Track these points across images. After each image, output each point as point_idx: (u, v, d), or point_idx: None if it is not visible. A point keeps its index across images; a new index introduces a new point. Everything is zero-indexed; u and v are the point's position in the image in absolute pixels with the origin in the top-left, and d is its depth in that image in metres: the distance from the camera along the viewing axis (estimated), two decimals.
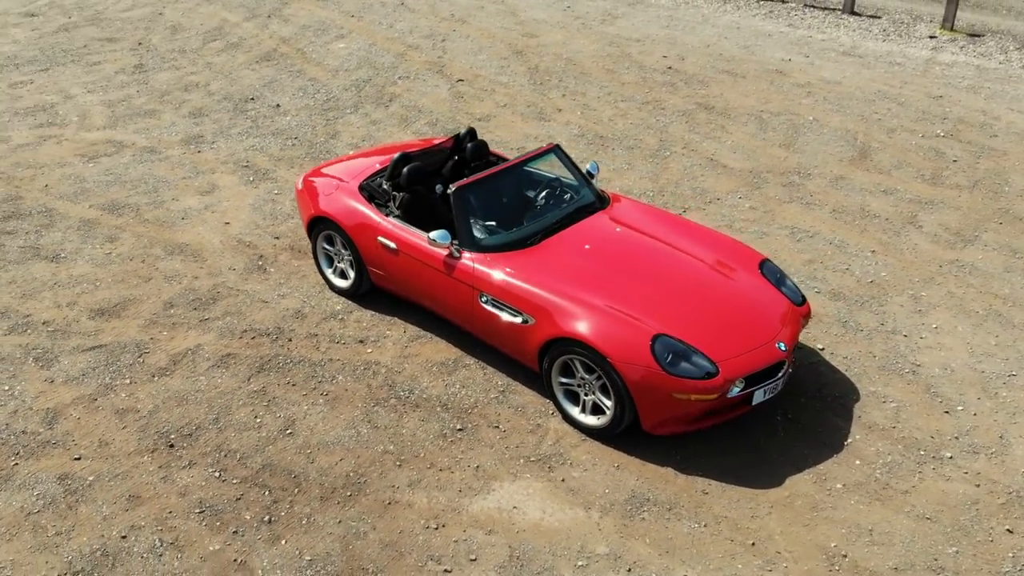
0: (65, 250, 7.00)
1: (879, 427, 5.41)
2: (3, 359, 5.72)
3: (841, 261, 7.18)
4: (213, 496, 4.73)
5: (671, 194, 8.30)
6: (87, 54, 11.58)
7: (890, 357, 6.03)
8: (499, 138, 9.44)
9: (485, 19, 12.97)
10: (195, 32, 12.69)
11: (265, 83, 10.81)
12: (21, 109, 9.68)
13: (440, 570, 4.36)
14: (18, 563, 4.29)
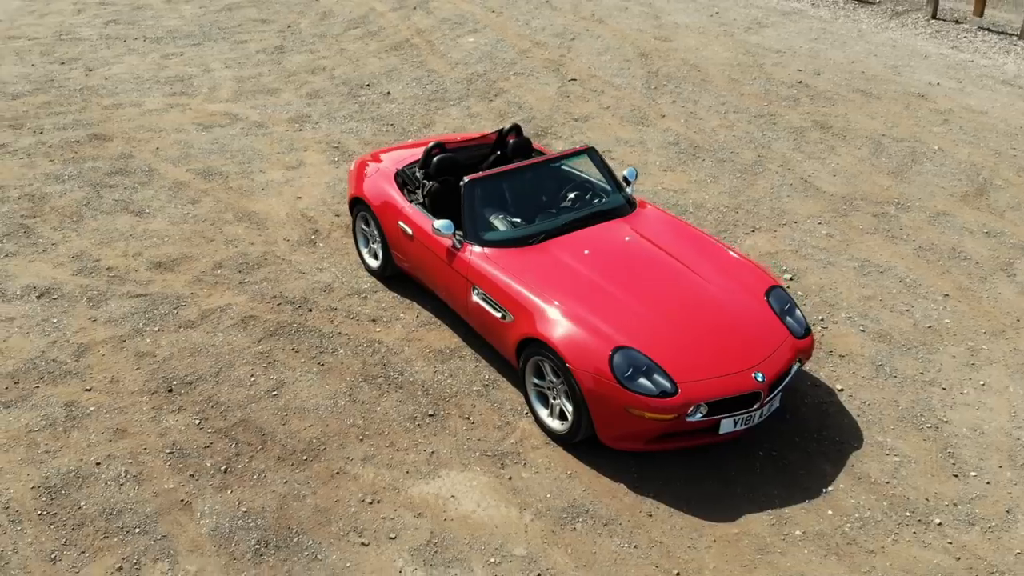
0: (151, 207, 7.82)
1: (870, 480, 5.08)
2: (64, 296, 6.52)
3: (905, 301, 6.73)
4: (186, 441, 5.21)
5: (745, 211, 8.05)
6: (238, 33, 12.70)
7: (916, 409, 5.62)
8: (589, 139, 9.50)
9: (624, 20, 12.98)
10: (342, 19, 13.55)
11: (386, 71, 11.42)
12: (163, 78, 10.82)
13: (358, 542, 4.59)
14: (5, 471, 4.94)
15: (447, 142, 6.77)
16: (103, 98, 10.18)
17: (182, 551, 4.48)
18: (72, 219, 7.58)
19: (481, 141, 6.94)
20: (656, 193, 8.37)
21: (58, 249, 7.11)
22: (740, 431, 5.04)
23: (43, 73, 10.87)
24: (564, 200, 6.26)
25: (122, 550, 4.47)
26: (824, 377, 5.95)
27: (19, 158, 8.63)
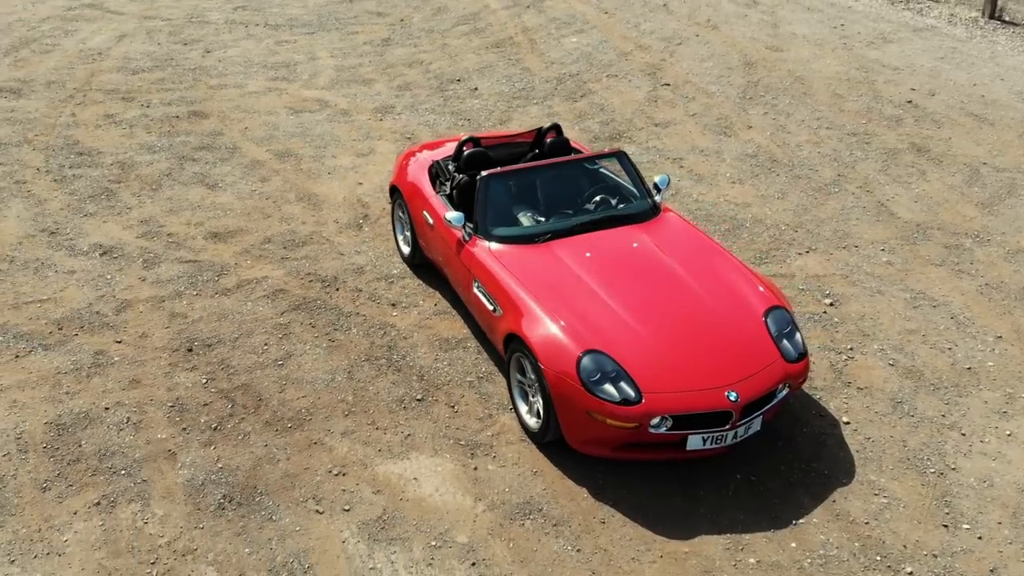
0: (223, 181, 8.41)
1: (848, 518, 4.88)
2: (123, 255, 7.15)
3: (950, 339, 6.36)
4: (189, 397, 5.64)
5: (805, 231, 7.79)
6: (352, 24, 13.34)
7: (924, 452, 5.34)
8: (663, 145, 9.43)
9: (739, 27, 12.73)
10: (454, 15, 13.97)
11: (480, 67, 11.71)
12: (270, 63, 11.54)
13: (314, 509, 4.85)
14: (26, 404, 5.52)
15: (484, 138, 6.93)
16: (211, 78, 10.98)
17: (155, 496, 4.88)
18: (151, 187, 8.26)
19: (519, 138, 7.06)
20: (716, 204, 8.23)
21: (131, 213, 7.79)
22: (711, 450, 4.95)
23: (166, 52, 11.83)
24: (584, 201, 6.30)
25: (104, 488, 4.92)
26: (833, 408, 5.73)
27: (122, 128, 9.47)
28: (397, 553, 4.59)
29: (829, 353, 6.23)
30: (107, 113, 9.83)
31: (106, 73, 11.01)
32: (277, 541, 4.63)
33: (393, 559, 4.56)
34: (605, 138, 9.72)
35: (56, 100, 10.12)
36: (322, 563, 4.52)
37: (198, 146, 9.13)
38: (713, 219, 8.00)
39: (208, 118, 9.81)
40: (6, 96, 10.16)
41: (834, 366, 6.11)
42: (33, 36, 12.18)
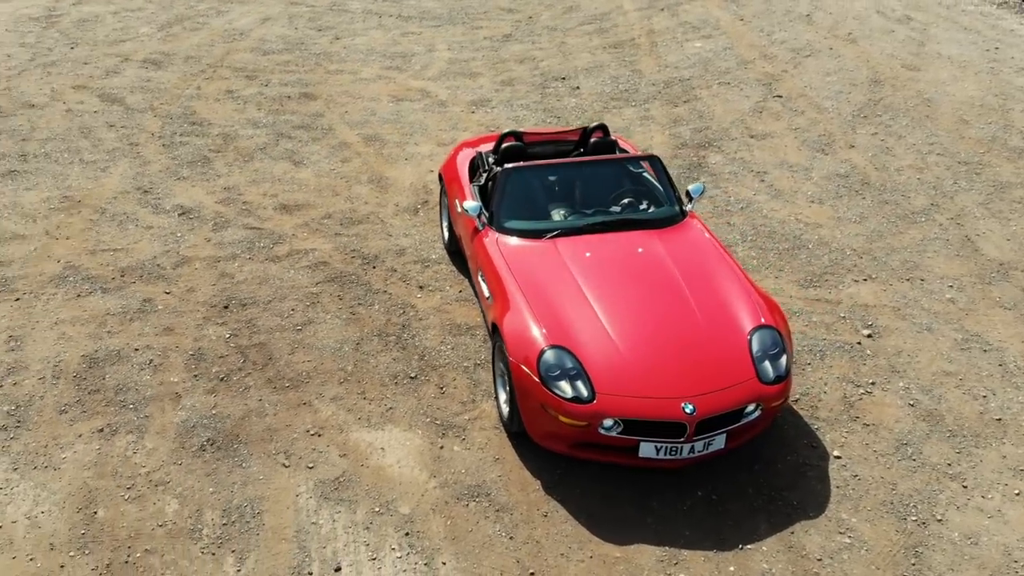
0: (308, 159, 9.04)
1: (801, 552, 4.75)
2: (198, 217, 7.88)
3: (989, 387, 5.98)
4: (210, 349, 6.20)
5: (871, 259, 7.47)
6: (479, 19, 13.80)
7: (913, 498, 5.08)
8: (751, 158, 9.25)
9: (880, 43, 12.17)
10: (584, 14, 14.15)
11: (590, 67, 11.85)
12: (389, 53, 12.18)
13: (282, 462, 5.25)
14: (72, 338, 6.26)
15: (528, 133, 7.11)
16: (331, 64, 11.73)
17: (151, 431, 5.44)
18: (244, 159, 9.01)
19: (564, 136, 7.19)
20: (783, 222, 8.01)
21: (218, 180, 8.54)
22: (665, 462, 4.93)
23: (299, 36, 12.73)
24: (609, 201, 6.34)
25: (111, 418, 5.53)
26: (828, 440, 5.52)
27: (237, 103, 10.34)
28: (341, 513, 4.90)
29: (846, 385, 5.98)
30: (228, 89, 10.75)
31: (240, 52, 12.01)
32: (239, 486, 5.05)
33: (335, 518, 4.87)
34: (692, 145, 9.62)
35: (188, 74, 11.17)
36: (272, 511, 4.89)
37: (298, 125, 9.83)
38: (775, 236, 7.79)
39: (316, 100, 10.51)
40: (147, 67, 11.31)
41: (847, 398, 5.87)
42: (189, 14, 13.44)
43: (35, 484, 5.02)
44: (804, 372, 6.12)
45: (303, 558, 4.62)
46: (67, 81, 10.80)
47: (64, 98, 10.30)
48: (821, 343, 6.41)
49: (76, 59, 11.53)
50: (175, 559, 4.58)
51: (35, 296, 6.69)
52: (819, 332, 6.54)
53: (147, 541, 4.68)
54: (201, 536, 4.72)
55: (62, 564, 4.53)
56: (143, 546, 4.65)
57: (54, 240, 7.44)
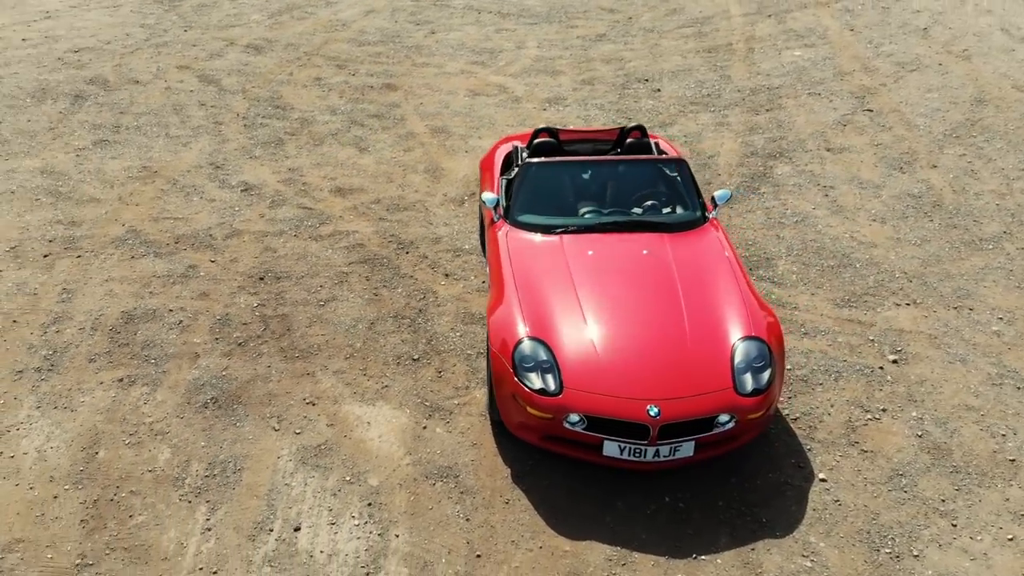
0: (373, 147, 9.46)
1: (756, 571, 4.72)
2: (258, 194, 8.40)
3: (1011, 425, 5.72)
4: (236, 315, 6.64)
5: (920, 283, 7.20)
6: (577, 18, 13.93)
7: (893, 531, 4.94)
8: (821, 171, 9.04)
9: (996, 62, 11.57)
10: (686, 17, 14.06)
11: (677, 70, 11.79)
12: (478, 48, 12.49)
13: (272, 426, 5.60)
14: (117, 294, 6.84)
15: (565, 131, 7.22)
16: (420, 57, 12.15)
17: (164, 385, 5.91)
18: (314, 143, 9.51)
19: (602, 136, 7.26)
20: (836, 239, 7.80)
21: (285, 161, 9.07)
22: (629, 463, 4.96)
23: (397, 29, 13.23)
24: (630, 201, 6.37)
25: (132, 370, 6.04)
26: (818, 462, 5.40)
27: (321, 90, 10.89)
28: (314, 478, 5.19)
29: (854, 409, 5.82)
30: (317, 76, 11.33)
31: (337, 42, 12.60)
32: (229, 443, 5.43)
33: (308, 482, 5.16)
34: (762, 154, 9.45)
35: (284, 60, 11.83)
36: (251, 469, 5.24)
37: (372, 114, 10.27)
38: (823, 253, 7.60)
39: (396, 91, 10.94)
40: (248, 52, 12.06)
41: (851, 422, 5.71)
42: (299, 4, 14.19)
43: (52, 422, 5.56)
44: (813, 392, 5.98)
45: (268, 515, 4.93)
46: (173, 61, 11.65)
47: (166, 77, 11.13)
48: (839, 364, 6.23)
49: (186, 41, 12.41)
50: (154, 503, 4.99)
51: (95, 255, 7.33)
52: (841, 353, 6.36)
53: (134, 484, 5.11)
54: (183, 485, 5.12)
55: (56, 495, 5.02)
56: (129, 487, 5.08)
57: (124, 206, 8.11)
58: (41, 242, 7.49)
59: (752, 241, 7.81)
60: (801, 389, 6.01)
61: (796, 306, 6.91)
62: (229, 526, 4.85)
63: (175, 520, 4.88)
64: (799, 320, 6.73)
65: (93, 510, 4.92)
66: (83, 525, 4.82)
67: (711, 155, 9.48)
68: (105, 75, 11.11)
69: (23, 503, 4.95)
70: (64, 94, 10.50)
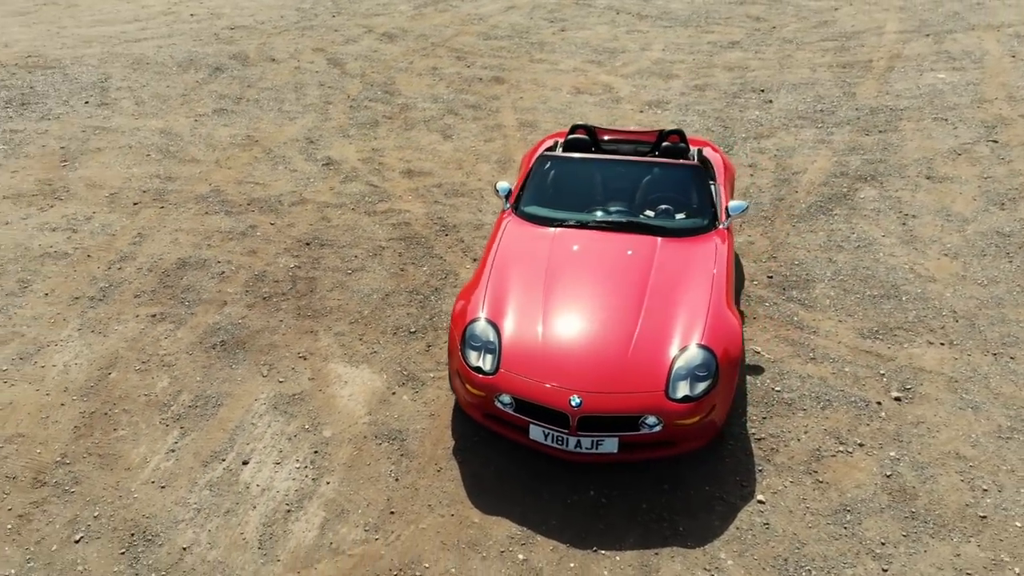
0: (457, 135, 10.00)
1: (652, 573, 4.82)
2: (335, 170, 9.17)
3: (999, 482, 5.46)
4: (271, 273, 7.38)
5: (967, 324, 6.88)
6: (717, 24, 13.86)
7: (815, 563, 4.89)
8: (910, 199, 8.68)
9: None
10: (833, 29, 13.65)
11: (800, 83, 11.54)
12: (601, 47, 12.76)
13: (261, 372, 6.25)
14: (179, 243, 7.76)
15: (604, 130, 7.42)
16: (540, 53, 12.59)
17: (186, 325, 6.72)
18: (406, 127, 10.19)
19: (640, 137, 7.40)
20: (892, 269, 7.53)
21: (372, 142, 9.80)
22: (553, 449, 5.17)
23: (529, 26, 13.74)
24: (636, 203, 6.50)
25: (165, 309, 6.90)
26: (763, 484, 5.37)
27: (432, 79, 11.58)
28: (278, 423, 5.78)
29: (828, 439, 5.70)
30: (434, 66, 12.03)
31: (466, 36, 13.28)
32: (219, 381, 6.13)
33: (271, 425, 5.76)
34: (852, 176, 9.16)
35: (410, 49, 12.64)
36: (227, 406, 5.91)
37: (471, 104, 10.82)
38: (870, 282, 7.35)
39: (502, 84, 11.44)
40: (382, 40, 12.97)
41: (818, 451, 5.60)
42: None
43: (84, 343, 6.49)
44: (792, 416, 5.90)
45: (227, 447, 5.56)
46: (311, 43, 12.76)
47: (300, 57, 12.22)
48: (834, 393, 6.08)
49: (330, 26, 13.52)
50: (137, 421, 5.76)
51: (176, 207, 8.34)
52: (840, 382, 6.20)
53: (129, 403, 5.91)
54: (167, 411, 5.86)
55: (63, 403, 5.90)
56: (124, 406, 5.89)
57: (218, 168, 9.12)
58: (136, 192, 8.60)
59: (799, 261, 7.66)
60: (780, 411, 5.93)
61: (816, 330, 6.76)
62: (190, 451, 5.52)
63: (149, 439, 5.62)
64: (811, 344, 6.59)
65: (87, 420, 5.75)
66: (75, 431, 5.66)
67: (796, 172, 9.28)
68: (247, 52, 12.36)
69: (35, 405, 5.86)
70: (206, 66, 11.80)
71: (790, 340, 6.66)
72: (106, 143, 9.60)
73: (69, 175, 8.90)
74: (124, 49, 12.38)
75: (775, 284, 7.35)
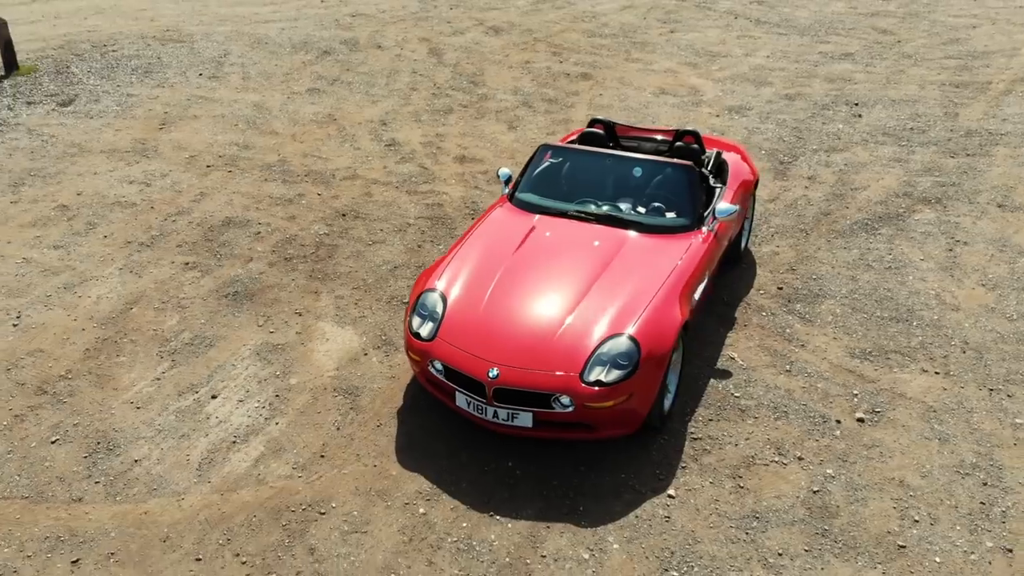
0: (522, 127, 10.43)
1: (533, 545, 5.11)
2: (395, 150, 9.81)
3: (935, 516, 5.38)
4: (300, 237, 8.09)
5: (975, 356, 6.68)
6: (838, 35, 13.54)
7: (701, 562, 5.03)
8: (968, 226, 8.40)
9: None
10: (961, 48, 13.07)
11: (901, 99, 11.20)
12: (704, 51, 12.80)
13: (258, 321, 6.94)
14: (232, 204, 8.62)
15: (623, 126, 7.65)
16: (638, 52, 12.79)
17: (210, 275, 7.53)
18: (477, 116, 10.72)
19: (659, 134, 7.58)
20: (915, 293, 7.37)
21: (439, 128, 10.39)
22: (474, 417, 5.51)
23: (638, 25, 13.94)
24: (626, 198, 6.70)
25: (199, 259, 7.75)
26: (680, 481, 5.50)
27: (520, 73, 12.04)
28: (255, 367, 6.45)
29: (768, 449, 5.74)
30: (528, 60, 12.51)
31: (572, 32, 13.66)
32: (219, 326, 6.88)
33: (248, 368, 6.43)
34: (916, 197, 8.91)
35: (511, 43, 13.17)
36: (218, 348, 6.64)
37: (548, 98, 11.22)
38: (884, 304, 7.21)
39: (587, 81, 11.76)
40: (488, 33, 13.58)
41: (751, 459, 5.66)
42: None
43: (121, 281, 7.43)
44: (740, 422, 5.96)
45: (205, 381, 6.28)
46: (420, 33, 13.54)
47: (404, 46, 13.02)
48: (794, 406, 6.08)
49: (444, 18, 14.27)
50: (137, 351, 6.59)
51: (242, 172, 9.26)
52: (806, 397, 6.18)
53: (136, 335, 6.76)
54: (167, 345, 6.66)
55: (84, 328, 6.82)
56: (131, 336, 6.74)
57: (291, 141, 9.99)
58: (213, 156, 9.60)
59: (817, 276, 7.58)
60: (730, 416, 6.00)
61: (804, 344, 6.72)
62: (172, 381, 6.28)
63: (142, 366, 6.42)
64: (793, 357, 6.57)
65: (98, 345, 6.63)
66: (85, 353, 6.55)
67: (856, 188, 9.09)
68: (359, 38, 13.29)
69: (62, 328, 6.82)
70: (317, 48, 12.82)
71: (773, 351, 6.66)
72: (203, 111, 10.70)
73: (162, 137, 10.03)
74: (251, 29, 13.63)
75: (782, 296, 7.32)
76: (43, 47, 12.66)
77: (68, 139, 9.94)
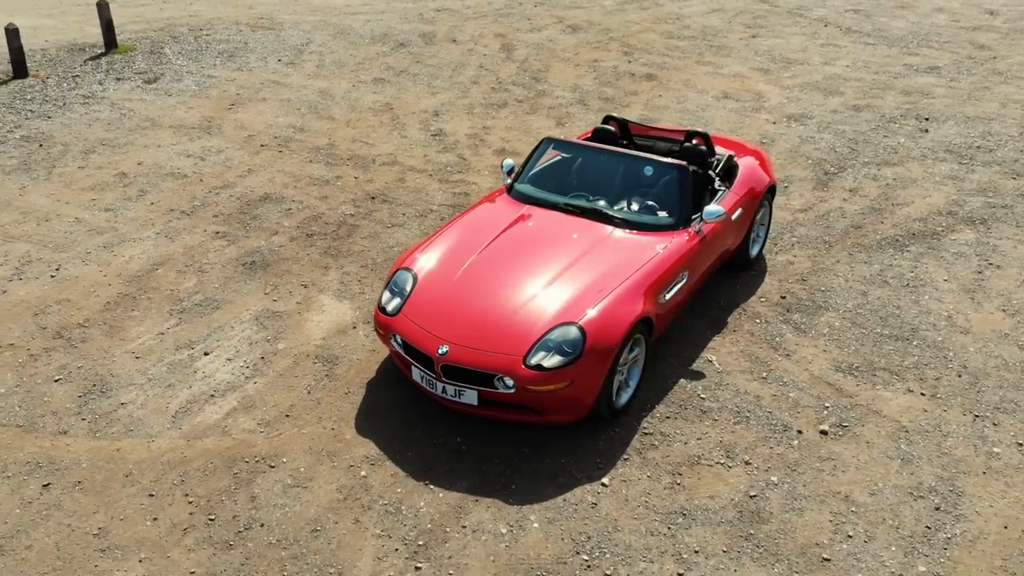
0: (570, 123, 10.66)
1: (458, 516, 5.40)
2: (438, 139, 10.23)
3: (872, 535, 5.40)
4: (327, 216, 8.60)
5: (969, 381, 6.58)
6: (930, 48, 13.13)
7: (616, 549, 5.22)
8: (1002, 248, 8.16)
9: None
10: None
11: (977, 117, 10.86)
12: (781, 57, 12.65)
13: (265, 290, 7.46)
14: (275, 181, 9.23)
15: (636, 124, 7.79)
16: (712, 55, 12.78)
17: (235, 244, 8.12)
18: (528, 111, 11.01)
19: (668, 134, 7.69)
20: (926, 313, 7.25)
21: (488, 121, 10.74)
22: (426, 392, 5.84)
23: (719, 29, 13.87)
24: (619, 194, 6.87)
25: (229, 228, 8.36)
26: (618, 472, 5.66)
27: (585, 71, 12.25)
28: (251, 330, 6.96)
29: (716, 451, 5.82)
30: (596, 59, 12.70)
31: (650, 33, 13.76)
32: (230, 291, 7.44)
33: (244, 330, 6.95)
34: (961, 217, 8.68)
35: (585, 42, 13.39)
36: (224, 310, 7.19)
37: (606, 97, 11.40)
38: (888, 322, 7.11)
39: (650, 81, 11.87)
40: (564, 31, 13.84)
41: (696, 458, 5.76)
42: None
43: (154, 244, 8.12)
44: (697, 422, 6.05)
45: (201, 340, 6.84)
46: (497, 29, 13.94)
47: (479, 41, 13.45)
48: (758, 413, 6.12)
49: (526, 15, 14.62)
50: (150, 308, 7.22)
51: (290, 153, 9.88)
52: (774, 405, 6.21)
53: (153, 293, 7.40)
54: (179, 303, 7.27)
55: (110, 283, 7.52)
56: (148, 295, 7.39)
57: (344, 127, 10.57)
58: (269, 136, 10.27)
59: (826, 288, 7.52)
60: (689, 416, 6.10)
61: (789, 354, 6.72)
62: (174, 336, 6.87)
63: (152, 322, 7.05)
64: (773, 366, 6.59)
65: (117, 299, 7.31)
66: (105, 305, 7.23)
67: (899, 203, 8.91)
68: (437, 32, 13.81)
69: (91, 282, 7.54)
70: (394, 41, 13.41)
71: (754, 357, 6.68)
72: (272, 95, 11.43)
73: (228, 116, 10.79)
74: (338, 20, 14.36)
75: (782, 304, 7.31)
76: (145, 28, 13.74)
77: (144, 113, 10.83)
